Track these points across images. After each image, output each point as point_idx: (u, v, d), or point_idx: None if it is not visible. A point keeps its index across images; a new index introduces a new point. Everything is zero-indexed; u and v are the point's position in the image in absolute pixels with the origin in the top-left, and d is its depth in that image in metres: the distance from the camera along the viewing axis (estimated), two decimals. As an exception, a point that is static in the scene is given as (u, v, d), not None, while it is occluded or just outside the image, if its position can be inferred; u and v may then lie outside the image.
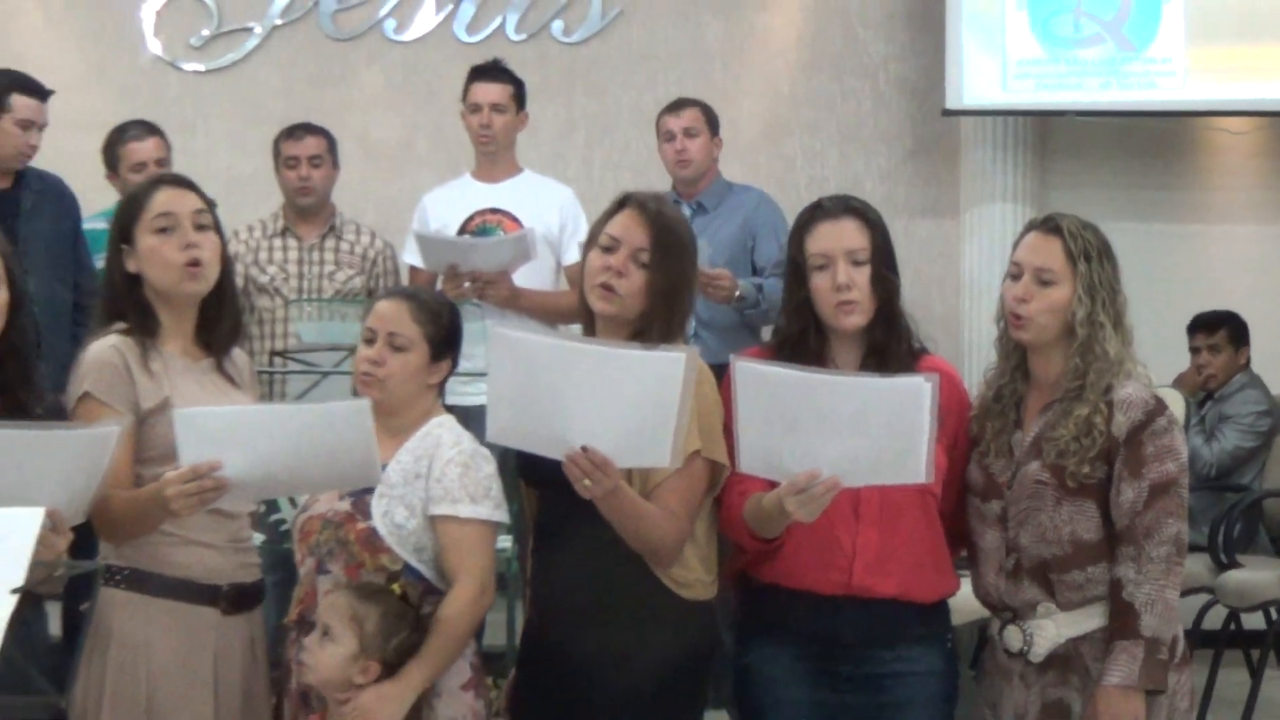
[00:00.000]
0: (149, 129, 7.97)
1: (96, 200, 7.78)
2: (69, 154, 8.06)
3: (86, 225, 7.67)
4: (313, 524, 4.86)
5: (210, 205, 4.83)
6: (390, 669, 4.60)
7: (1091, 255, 4.79)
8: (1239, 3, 10.05)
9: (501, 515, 4.90)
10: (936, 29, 10.35)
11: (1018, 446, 4.84)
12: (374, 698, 4.58)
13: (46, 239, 7.32)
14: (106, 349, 4.68)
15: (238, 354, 4.94)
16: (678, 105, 8.23)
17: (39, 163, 7.54)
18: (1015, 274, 4.86)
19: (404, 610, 4.66)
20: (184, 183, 4.85)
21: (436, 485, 4.78)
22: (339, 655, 4.59)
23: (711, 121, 8.18)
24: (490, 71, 7.95)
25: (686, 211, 7.85)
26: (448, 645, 4.70)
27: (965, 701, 5.01)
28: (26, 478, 4.17)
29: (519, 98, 7.92)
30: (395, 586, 4.69)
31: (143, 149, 7.84)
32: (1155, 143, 10.53)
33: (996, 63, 10.19)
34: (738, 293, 7.53)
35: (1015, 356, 4.92)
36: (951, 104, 10.29)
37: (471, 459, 4.84)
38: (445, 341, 4.95)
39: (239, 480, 4.40)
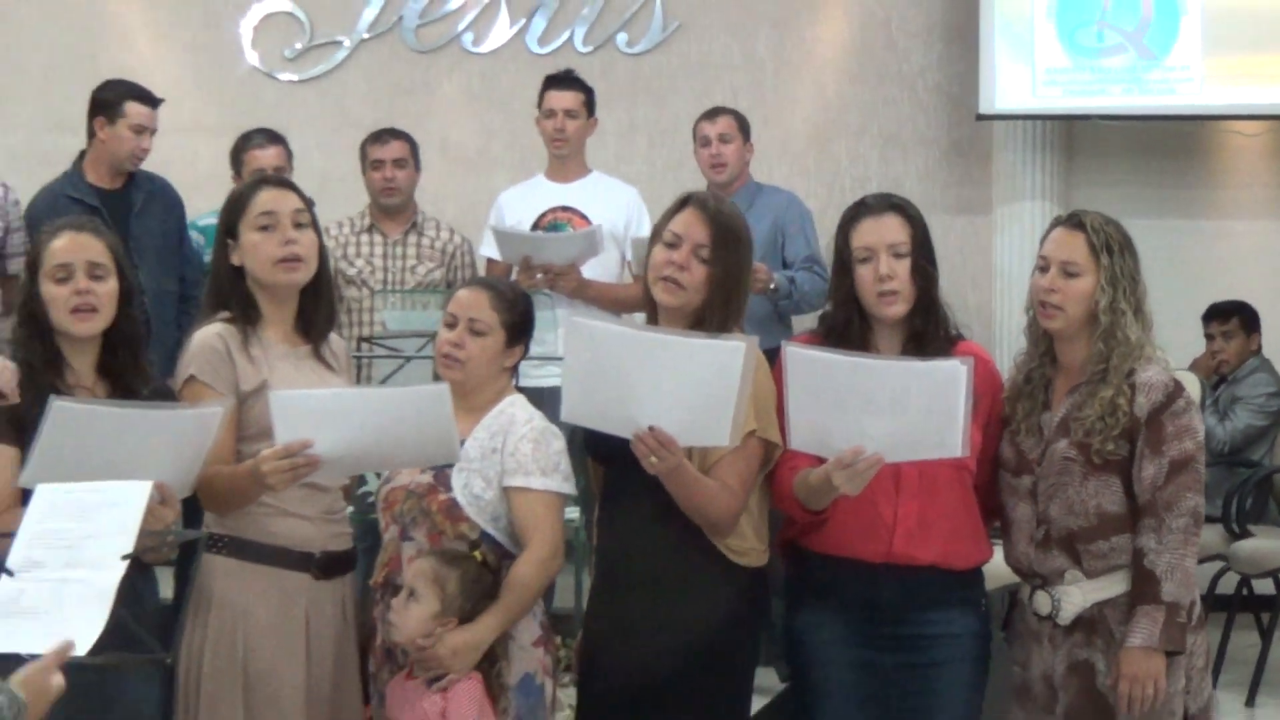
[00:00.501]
0: (272, 138, 7.99)
1: (200, 200, 7.80)
2: (175, 157, 8.08)
3: (201, 221, 7.69)
4: (396, 494, 4.88)
5: (309, 204, 4.85)
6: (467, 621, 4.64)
7: (1113, 249, 4.78)
8: (1251, 14, 9.97)
9: (569, 487, 4.92)
10: (971, 40, 10.30)
11: (1047, 426, 4.83)
12: (451, 643, 4.61)
13: (155, 235, 7.35)
14: (211, 335, 4.71)
15: (335, 341, 4.96)
16: (713, 113, 8.21)
17: (148, 165, 7.56)
18: (1043, 267, 4.85)
19: (482, 574, 4.69)
20: (285, 184, 4.87)
21: (510, 459, 4.80)
22: (423, 614, 4.62)
23: (744, 128, 8.16)
24: (564, 80, 7.97)
25: (720, 211, 7.89)
26: (518, 601, 4.72)
27: (997, 661, 5.00)
28: (139, 453, 4.21)
29: (589, 104, 7.93)
30: (476, 553, 4.72)
31: (264, 156, 7.87)
32: (1173, 144, 10.47)
33: (1026, 71, 10.14)
34: (772, 285, 7.53)
35: (1044, 343, 4.91)
36: (984, 109, 10.24)
37: (542, 435, 4.86)
38: (520, 327, 4.96)
39: (329, 457, 4.43)
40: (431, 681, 4.64)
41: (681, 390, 4.42)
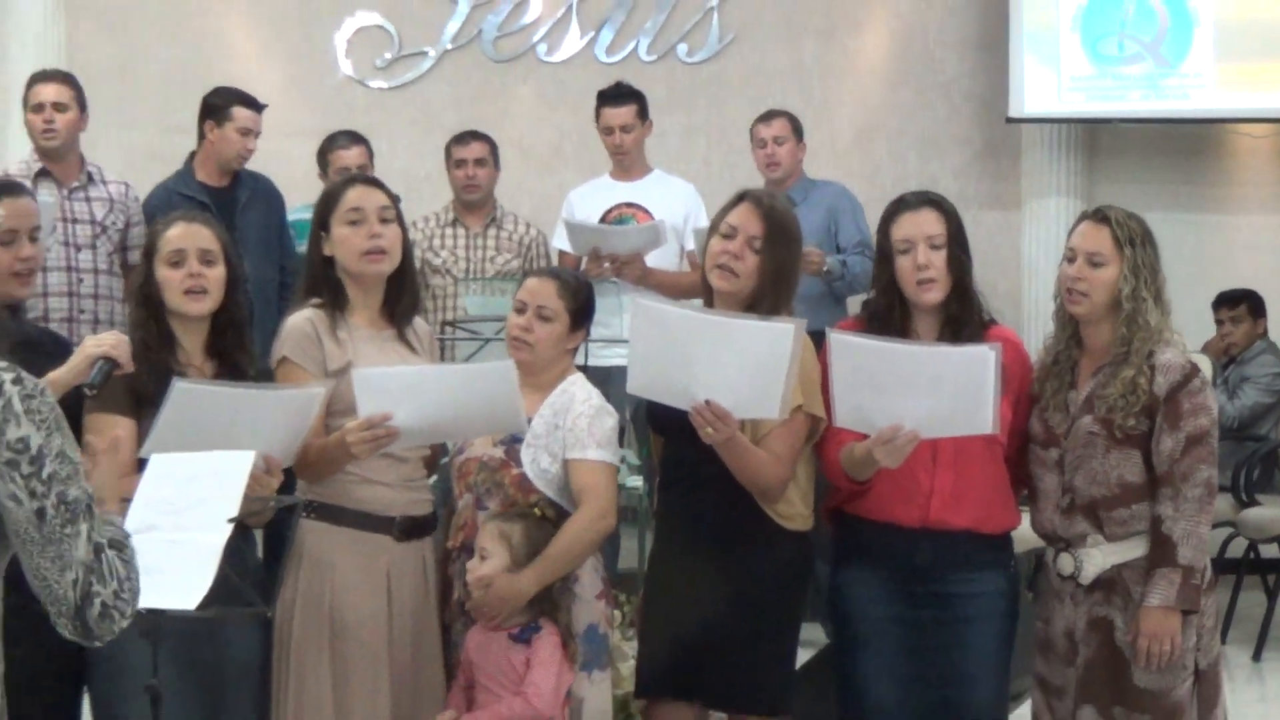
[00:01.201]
0: (355, 139, 8.00)
1: (296, 197, 7.81)
2: (276, 157, 8.10)
3: (293, 216, 7.70)
4: (469, 466, 4.89)
5: (394, 201, 4.85)
6: None
7: (1136, 241, 4.75)
8: (1259, 26, 9.94)
9: (616, 459, 4.93)
10: (1001, 49, 10.29)
11: (1072, 403, 4.80)
12: (498, 590, 4.64)
13: (258, 229, 7.37)
14: (302, 320, 4.73)
15: (419, 324, 4.95)
16: (769, 115, 8.19)
17: (252, 165, 7.57)
18: (1070, 257, 4.82)
19: (543, 525, 4.71)
20: (372, 182, 4.88)
21: (570, 434, 4.80)
22: (494, 568, 4.63)
23: (797, 129, 8.13)
24: (615, 96, 7.94)
25: (778, 204, 7.88)
26: (560, 555, 4.71)
27: (1024, 617, 4.99)
28: (249, 428, 4.25)
29: (643, 112, 7.91)
30: (536, 509, 4.73)
31: (347, 156, 7.88)
32: (1187, 145, 10.44)
33: (1052, 77, 10.14)
34: (825, 267, 7.51)
35: (1070, 327, 4.87)
36: (1014, 113, 10.24)
37: (597, 413, 4.86)
38: (582, 314, 4.96)
39: (407, 428, 4.46)
40: (515, 634, 4.65)
41: (736, 367, 4.44)
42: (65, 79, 7.40)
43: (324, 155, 7.96)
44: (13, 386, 2.84)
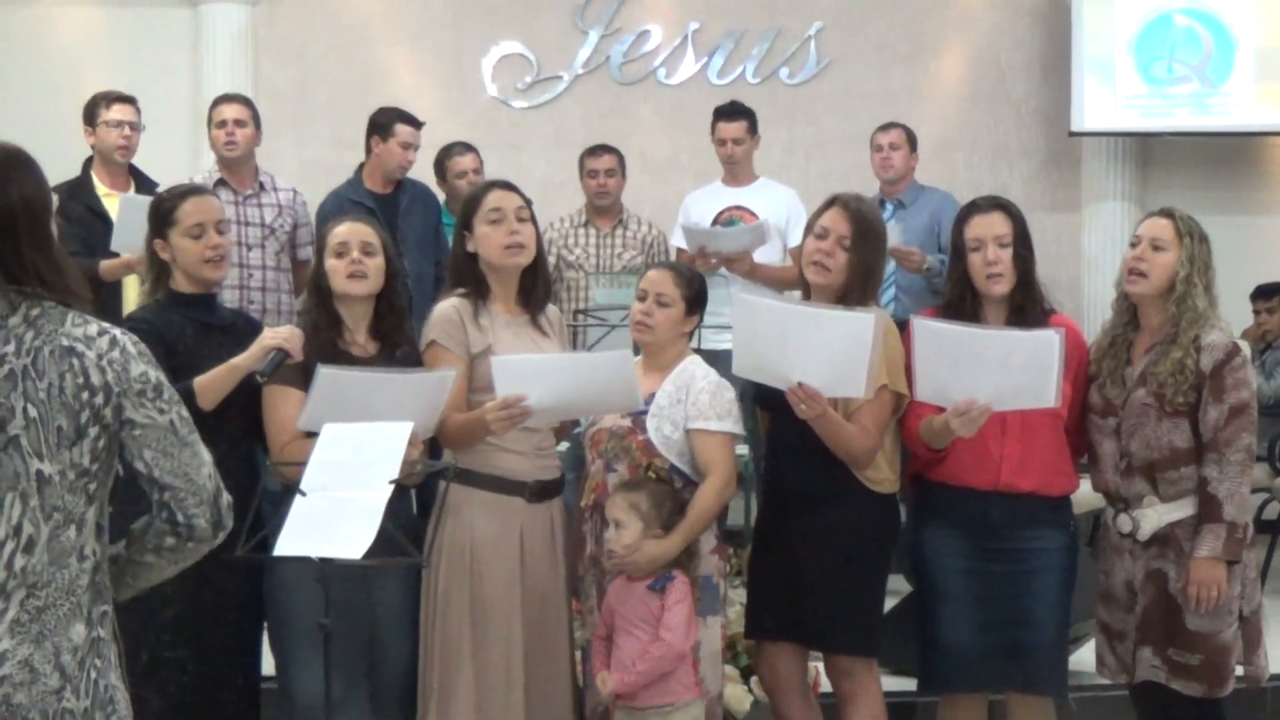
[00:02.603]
0: (467, 147, 8.00)
1: (450, 202, 7.83)
2: (429, 168, 8.12)
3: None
4: (601, 435, 4.88)
5: (528, 203, 4.85)
6: (670, 529, 4.67)
7: (1194, 234, 4.78)
8: (1295, 50, 9.87)
9: (740, 429, 4.90)
10: (1064, 71, 10.24)
11: (1128, 378, 4.79)
12: (648, 553, 4.64)
13: (417, 230, 7.38)
14: (448, 308, 4.74)
15: (552, 311, 4.95)
16: (888, 126, 8.11)
17: (412, 174, 7.60)
18: (1135, 243, 4.84)
19: (660, 486, 4.71)
20: (510, 186, 4.87)
21: (693, 407, 4.78)
22: (633, 535, 4.63)
23: (911, 140, 8.05)
24: (730, 113, 7.92)
25: (889, 207, 7.88)
26: (699, 519, 4.72)
27: (1083, 571, 4.96)
28: (388, 406, 4.27)
29: (752, 127, 7.87)
30: (650, 473, 4.74)
31: (463, 162, 7.88)
32: (1229, 156, 10.34)
33: (1110, 96, 10.08)
34: (925, 265, 7.46)
35: (1127, 313, 4.87)
36: (1075, 127, 10.19)
37: (718, 388, 4.84)
38: (696, 300, 4.93)
39: (538, 408, 4.47)
40: (651, 584, 4.65)
41: (824, 352, 4.43)
42: (244, 101, 7.46)
43: (441, 163, 7.98)
44: (124, 337, 3.02)
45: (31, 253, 2.96)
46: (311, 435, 4.18)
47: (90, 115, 7.15)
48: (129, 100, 7.21)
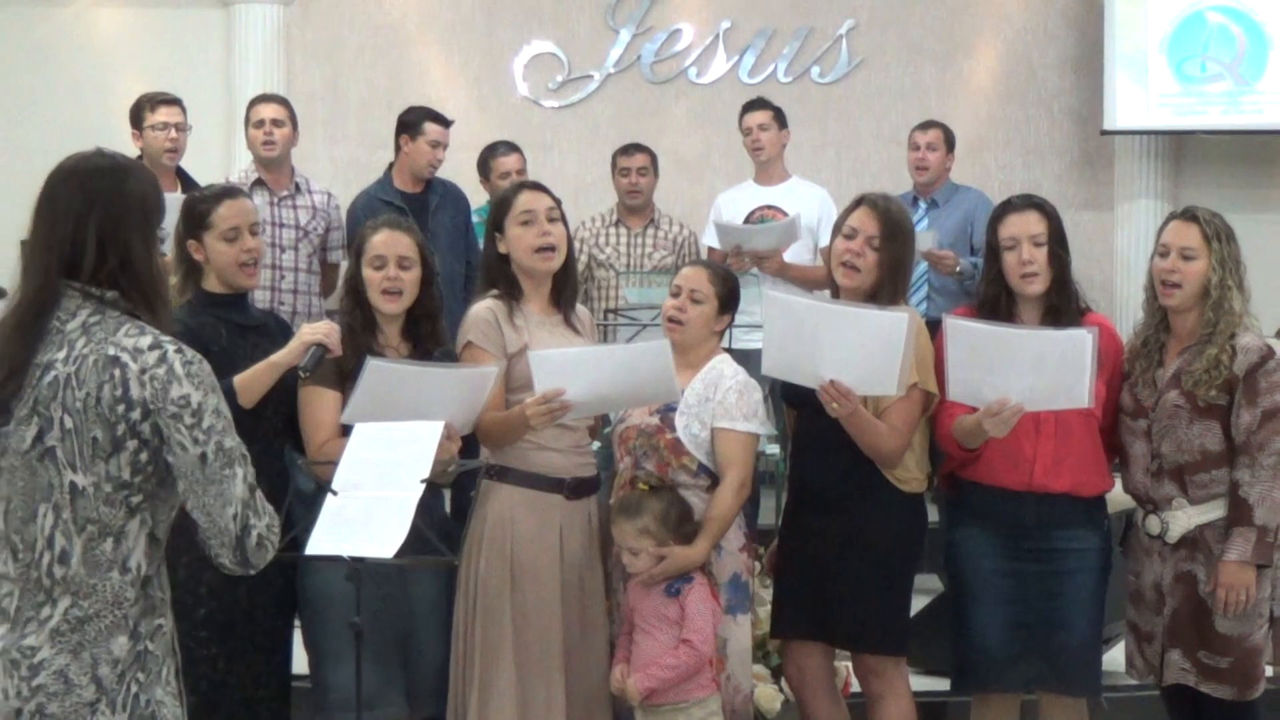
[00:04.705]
0: (511, 147, 8.00)
1: (477, 201, 7.85)
2: (462, 167, 8.13)
3: (476, 217, 7.73)
4: (629, 433, 4.89)
5: (558, 203, 4.86)
6: (686, 538, 4.66)
7: (1222, 236, 4.73)
8: (1329, 48, 9.82)
9: (765, 429, 4.92)
10: (1096, 70, 10.21)
11: (1160, 380, 4.76)
12: (676, 563, 4.64)
13: (447, 229, 7.39)
14: (483, 309, 4.75)
15: (581, 310, 4.96)
16: (926, 125, 8.10)
17: (441, 173, 7.61)
18: (1163, 252, 4.78)
19: (657, 495, 4.70)
20: (540, 187, 4.88)
21: (719, 406, 4.79)
22: (649, 560, 4.64)
23: (949, 140, 8.03)
24: (755, 104, 7.94)
25: (922, 206, 7.89)
26: (720, 524, 4.73)
27: (1115, 571, 4.94)
28: (433, 400, 4.29)
29: (779, 119, 7.87)
30: (642, 485, 4.75)
31: (508, 162, 7.88)
32: (1262, 154, 10.28)
33: (1142, 94, 10.03)
34: (959, 268, 7.44)
35: (1158, 315, 4.84)
36: (1108, 126, 10.15)
37: (745, 387, 4.84)
38: (728, 299, 4.94)
39: (577, 401, 4.47)
40: (667, 588, 4.65)
41: (857, 351, 4.42)
42: (282, 101, 7.48)
43: (485, 162, 7.98)
44: (175, 355, 2.93)
45: (136, 242, 2.95)
46: (349, 434, 4.20)
47: (136, 118, 7.18)
48: (174, 102, 7.24)
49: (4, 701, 2.87)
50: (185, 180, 7.19)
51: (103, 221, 2.93)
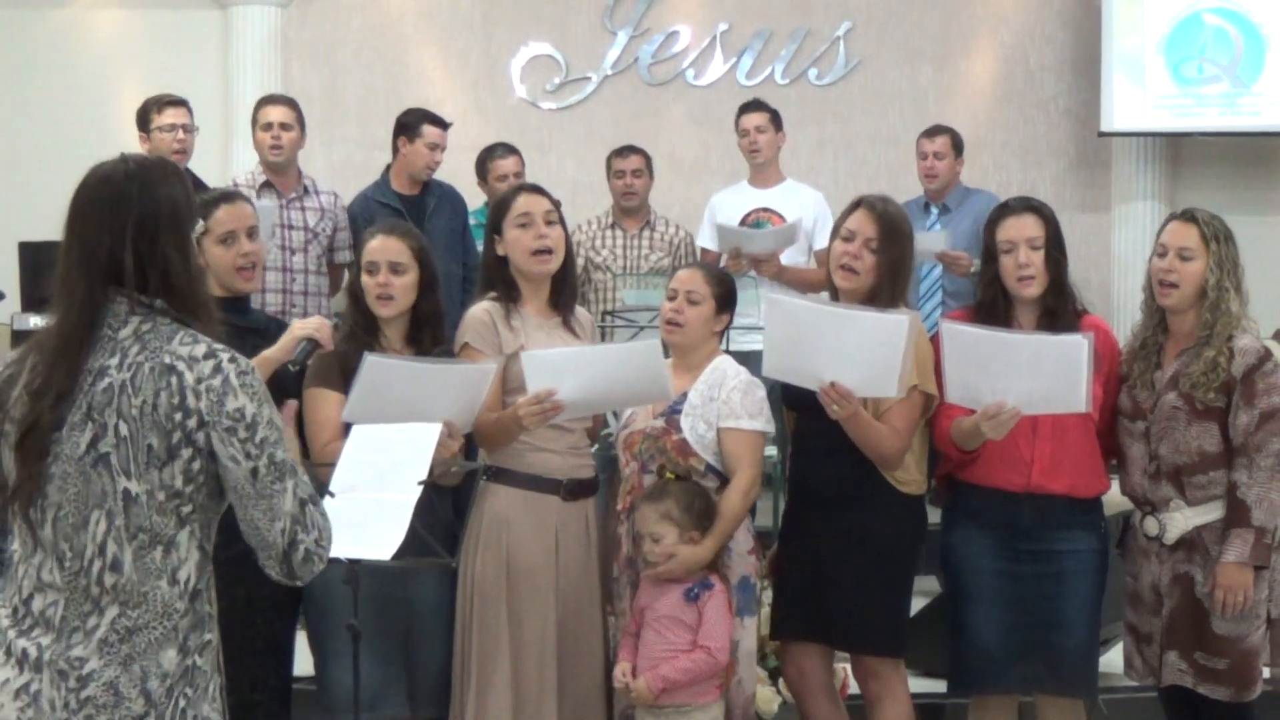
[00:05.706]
0: (510, 149, 8.01)
1: (474, 203, 7.85)
2: (460, 169, 8.13)
3: (474, 220, 7.73)
4: (634, 437, 4.89)
5: (557, 205, 4.87)
6: (705, 528, 4.67)
7: (1220, 238, 4.74)
8: (1327, 50, 9.84)
9: (771, 427, 4.92)
10: (1094, 71, 10.23)
11: (1158, 382, 4.77)
12: (685, 561, 4.65)
13: (444, 231, 7.38)
14: (480, 311, 4.77)
15: (581, 313, 4.98)
16: (933, 131, 8.08)
17: (439, 176, 7.61)
18: (1161, 253, 4.79)
19: (684, 485, 4.72)
20: (539, 190, 4.89)
21: (724, 405, 4.80)
22: (672, 543, 4.64)
23: (957, 145, 8.01)
24: (752, 105, 7.94)
25: (933, 211, 7.91)
26: (730, 523, 4.74)
27: (1113, 573, 4.94)
28: (432, 397, 4.32)
29: (776, 121, 7.86)
30: (668, 474, 4.75)
31: (506, 164, 7.89)
32: (1260, 156, 10.30)
33: (1140, 96, 10.06)
34: (972, 269, 7.45)
35: (1156, 316, 4.85)
36: (1105, 127, 10.18)
37: (749, 386, 4.85)
38: (726, 299, 4.94)
39: (570, 401, 4.49)
40: (687, 591, 4.66)
41: (857, 353, 4.43)
42: (289, 103, 7.47)
43: (483, 164, 7.99)
44: (230, 365, 2.90)
45: (172, 252, 2.93)
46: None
47: (143, 121, 7.18)
48: (181, 103, 7.24)
49: (50, 713, 2.83)
50: (193, 181, 7.18)
51: (138, 238, 2.91)
